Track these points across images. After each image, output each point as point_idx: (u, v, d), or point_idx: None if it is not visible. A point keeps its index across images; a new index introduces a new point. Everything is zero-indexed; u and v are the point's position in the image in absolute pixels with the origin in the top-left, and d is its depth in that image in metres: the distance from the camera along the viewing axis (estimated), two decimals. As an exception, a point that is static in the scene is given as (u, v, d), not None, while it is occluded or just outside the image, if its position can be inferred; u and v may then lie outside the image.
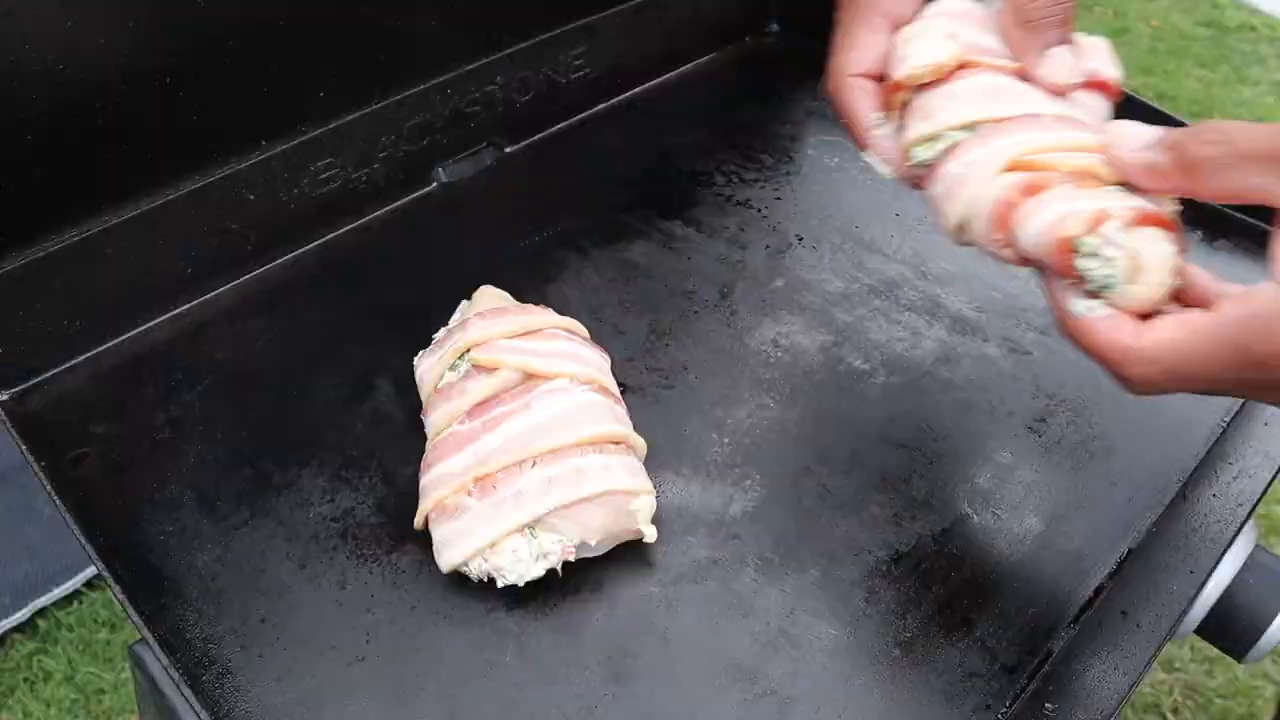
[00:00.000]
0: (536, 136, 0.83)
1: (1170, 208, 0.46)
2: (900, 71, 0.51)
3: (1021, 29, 0.50)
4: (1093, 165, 0.46)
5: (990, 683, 0.51)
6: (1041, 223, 0.45)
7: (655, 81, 0.89)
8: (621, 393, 0.60)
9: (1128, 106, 0.77)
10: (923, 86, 0.50)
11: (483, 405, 0.56)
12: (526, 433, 0.54)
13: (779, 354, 0.67)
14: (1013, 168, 0.47)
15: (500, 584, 0.52)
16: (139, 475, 0.59)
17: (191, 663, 0.51)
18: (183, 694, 0.47)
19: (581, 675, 0.51)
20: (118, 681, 1.31)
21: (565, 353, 0.58)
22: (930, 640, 0.52)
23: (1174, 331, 0.43)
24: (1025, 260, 0.48)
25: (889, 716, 0.50)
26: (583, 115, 0.85)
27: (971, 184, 0.48)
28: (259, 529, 0.57)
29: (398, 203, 0.77)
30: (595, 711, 0.49)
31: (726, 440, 0.61)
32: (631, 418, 0.59)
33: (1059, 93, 0.50)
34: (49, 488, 0.55)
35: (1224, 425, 0.62)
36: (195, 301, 0.69)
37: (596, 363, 0.59)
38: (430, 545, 0.54)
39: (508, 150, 0.81)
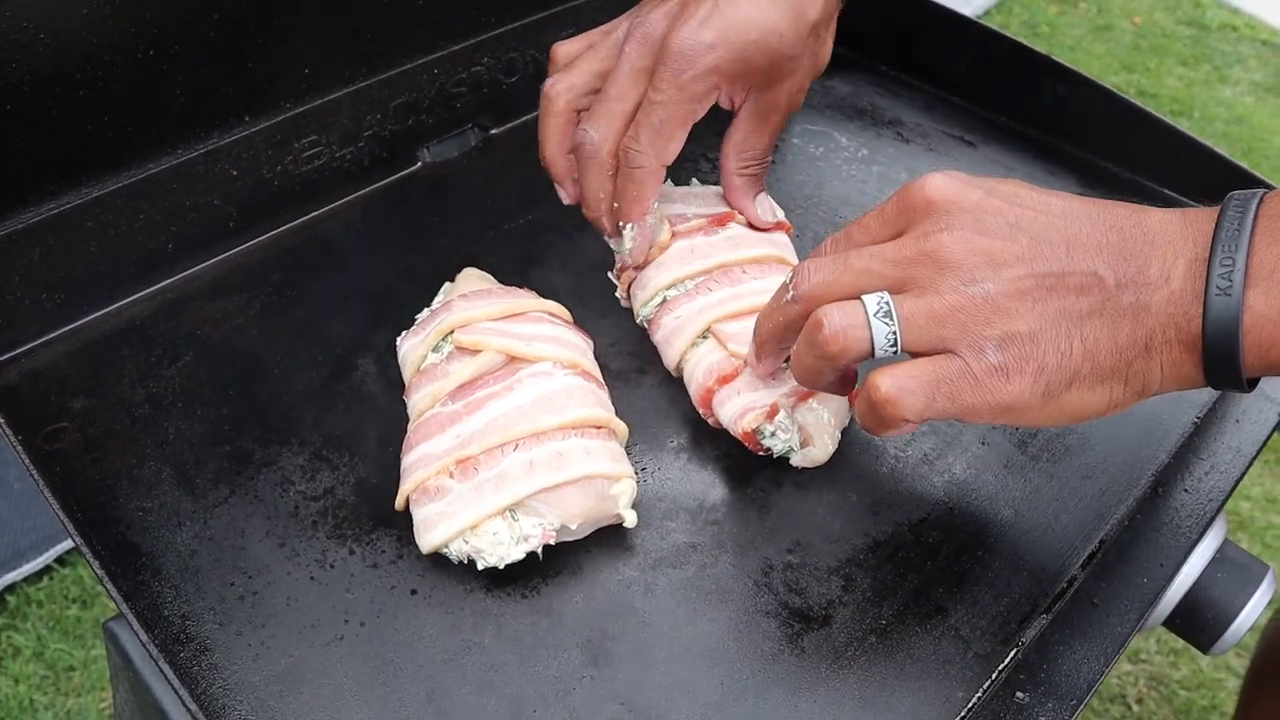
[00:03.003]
0: (522, 119, 0.83)
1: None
2: (633, 260, 0.64)
3: (741, 177, 0.64)
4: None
5: (963, 670, 0.52)
6: (731, 412, 0.58)
7: (642, 66, 0.88)
8: (604, 377, 0.60)
9: (1110, 104, 0.78)
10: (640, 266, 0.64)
11: (465, 387, 0.56)
12: (509, 415, 0.54)
13: (761, 342, 0.67)
14: (707, 330, 0.60)
15: (480, 566, 0.52)
16: (117, 451, 0.59)
17: (169, 640, 0.50)
18: (160, 671, 0.47)
19: (560, 657, 0.51)
20: (88, 659, 1.30)
21: (548, 336, 0.58)
22: (905, 628, 0.53)
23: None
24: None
25: (864, 702, 0.50)
26: (569, 99, 0.84)
27: (683, 335, 0.61)
28: (238, 507, 0.56)
29: (382, 182, 0.76)
30: (573, 693, 0.50)
31: (708, 427, 0.61)
32: (614, 402, 0.59)
33: (765, 229, 0.65)
34: (26, 462, 0.54)
35: (1196, 422, 0.63)
36: (176, 277, 0.68)
37: (580, 346, 0.60)
38: (411, 526, 0.54)
39: (493, 132, 0.81)
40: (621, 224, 0.63)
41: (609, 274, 0.68)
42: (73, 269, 0.64)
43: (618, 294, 0.68)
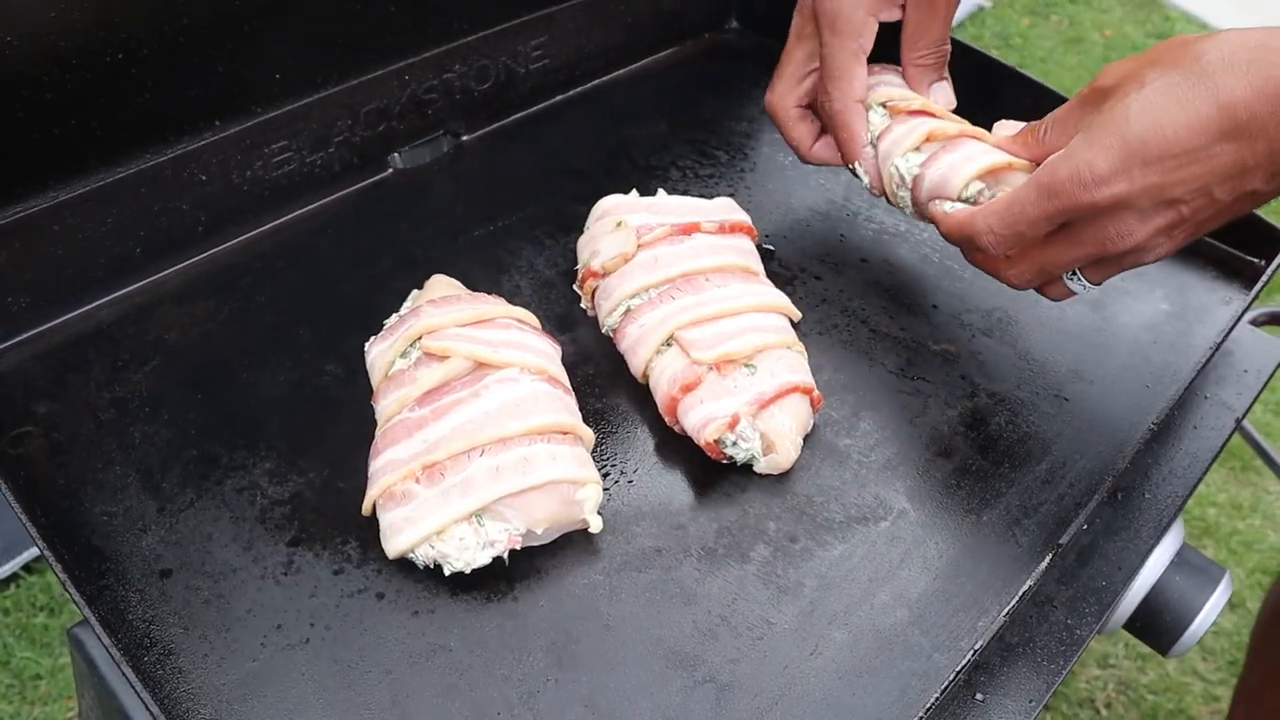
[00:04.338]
0: (494, 125, 0.83)
1: (797, 378, 0.60)
2: (596, 263, 0.65)
3: (916, 67, 0.67)
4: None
5: (924, 672, 0.52)
6: (694, 421, 0.59)
7: (614, 74, 0.89)
8: (571, 383, 0.61)
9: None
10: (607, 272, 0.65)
11: (433, 393, 0.56)
12: (475, 421, 0.54)
13: (728, 348, 0.68)
14: (671, 338, 0.61)
15: (447, 571, 0.53)
16: (82, 455, 0.58)
17: (133, 644, 0.50)
18: (124, 675, 0.47)
19: (524, 661, 0.51)
20: (55, 667, 1.28)
21: (516, 343, 0.59)
22: (867, 631, 0.54)
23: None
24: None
25: (827, 704, 0.51)
26: (540, 105, 0.85)
27: (647, 343, 0.62)
28: (204, 511, 0.56)
29: (352, 188, 0.77)
30: (537, 697, 0.50)
31: (674, 432, 0.62)
32: (580, 408, 0.59)
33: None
34: (-11, 466, 0.54)
35: (1153, 428, 0.64)
36: (144, 281, 0.68)
37: (547, 353, 0.60)
38: (377, 531, 0.54)
39: (464, 138, 0.82)
40: (849, 165, 0.67)
41: (574, 286, 0.69)
42: (39, 272, 0.63)
43: (582, 304, 0.68)
